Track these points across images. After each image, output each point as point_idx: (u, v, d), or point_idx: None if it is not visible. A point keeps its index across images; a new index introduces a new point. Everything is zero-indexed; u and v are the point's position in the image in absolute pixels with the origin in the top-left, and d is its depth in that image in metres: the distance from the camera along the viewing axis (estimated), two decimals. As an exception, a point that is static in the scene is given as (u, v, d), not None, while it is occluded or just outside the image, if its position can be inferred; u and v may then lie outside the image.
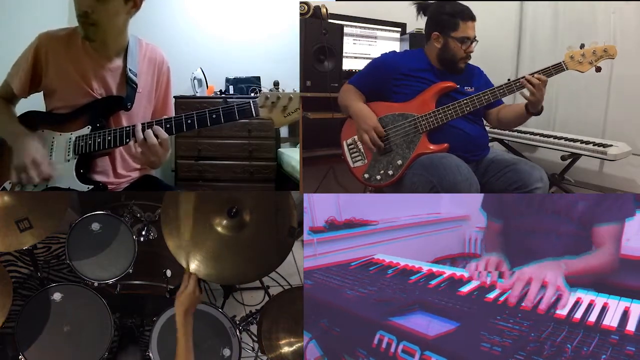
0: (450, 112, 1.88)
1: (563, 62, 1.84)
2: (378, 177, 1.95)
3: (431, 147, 1.89)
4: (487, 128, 2.11)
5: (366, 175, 1.98)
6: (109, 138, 1.62)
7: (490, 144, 2.10)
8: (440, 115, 1.89)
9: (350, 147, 2.03)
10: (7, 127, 1.72)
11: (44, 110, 1.77)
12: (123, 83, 1.73)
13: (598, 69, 1.84)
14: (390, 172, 1.93)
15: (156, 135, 1.55)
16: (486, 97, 1.87)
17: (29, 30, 1.79)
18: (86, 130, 1.67)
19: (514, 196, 1.78)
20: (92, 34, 1.64)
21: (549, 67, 1.84)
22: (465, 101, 1.88)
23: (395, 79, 1.98)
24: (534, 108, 1.87)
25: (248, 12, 3.54)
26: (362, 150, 2.00)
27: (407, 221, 2.86)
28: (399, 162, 1.92)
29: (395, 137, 1.93)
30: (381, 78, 2.01)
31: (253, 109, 1.52)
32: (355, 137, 2.01)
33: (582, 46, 1.83)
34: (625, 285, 1.77)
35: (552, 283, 1.24)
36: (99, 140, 1.64)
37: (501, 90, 1.88)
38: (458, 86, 1.94)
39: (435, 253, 2.85)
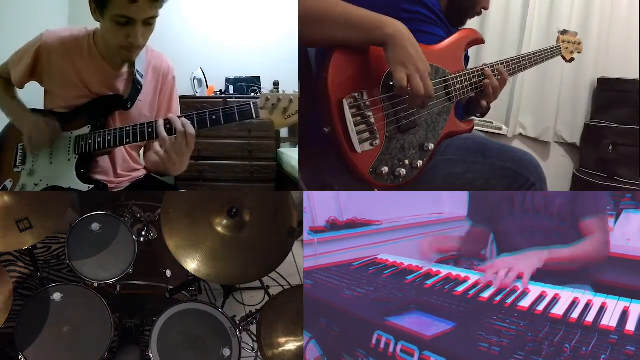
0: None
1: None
2: (402, 171, 1.25)
3: (462, 125, 1.36)
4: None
5: (377, 169, 1.24)
6: (109, 137, 1.62)
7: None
8: (475, 81, 1.34)
9: (354, 110, 1.18)
10: (10, 108, 1.76)
11: (43, 108, 1.76)
12: (129, 85, 1.70)
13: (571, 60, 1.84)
14: (419, 163, 1.27)
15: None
16: (529, 60, 1.49)
17: (30, 29, 1.79)
18: (86, 129, 1.67)
19: (498, 199, 1.68)
20: (147, 38, 1.60)
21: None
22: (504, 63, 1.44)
23: (407, 2, 1.35)
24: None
25: (248, 12, 3.54)
26: (374, 121, 1.22)
27: (409, 221, 2.85)
28: (430, 145, 1.27)
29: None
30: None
31: (253, 111, 1.50)
32: (364, 91, 1.19)
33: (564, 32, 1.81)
34: (625, 285, 1.77)
35: (514, 271, 1.22)
36: (99, 139, 1.64)
37: (545, 54, 1.64)
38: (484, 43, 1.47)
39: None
